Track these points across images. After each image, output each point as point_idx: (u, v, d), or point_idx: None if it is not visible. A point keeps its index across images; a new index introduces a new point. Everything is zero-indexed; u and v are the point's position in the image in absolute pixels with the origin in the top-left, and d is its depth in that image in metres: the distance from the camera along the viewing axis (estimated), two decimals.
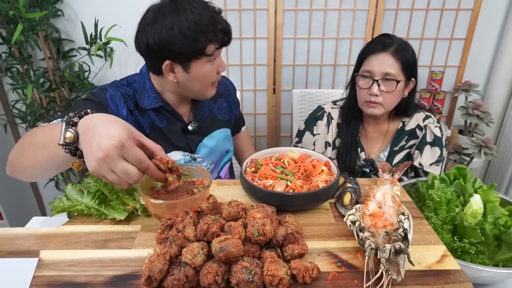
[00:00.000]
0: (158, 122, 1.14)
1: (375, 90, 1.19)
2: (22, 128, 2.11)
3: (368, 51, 1.23)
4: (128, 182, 0.65)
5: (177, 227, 0.65)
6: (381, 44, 1.21)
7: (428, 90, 2.09)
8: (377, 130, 1.36)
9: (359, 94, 1.27)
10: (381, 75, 1.19)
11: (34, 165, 0.80)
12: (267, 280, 0.57)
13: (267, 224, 0.63)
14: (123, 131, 0.63)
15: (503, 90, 2.10)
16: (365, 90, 1.23)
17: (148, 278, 0.57)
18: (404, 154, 1.33)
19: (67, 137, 0.67)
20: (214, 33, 0.99)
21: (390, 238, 0.64)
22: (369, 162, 1.33)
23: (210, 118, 1.26)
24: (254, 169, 0.91)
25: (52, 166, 0.78)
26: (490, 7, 1.97)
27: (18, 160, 0.84)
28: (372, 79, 1.20)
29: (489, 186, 0.89)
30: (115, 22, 1.97)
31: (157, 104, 1.11)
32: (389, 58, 1.19)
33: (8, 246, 0.71)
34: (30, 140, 0.81)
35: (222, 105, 1.31)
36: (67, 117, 0.68)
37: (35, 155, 0.78)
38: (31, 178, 0.94)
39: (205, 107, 1.25)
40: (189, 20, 0.96)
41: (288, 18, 2.01)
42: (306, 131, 1.42)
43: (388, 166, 0.85)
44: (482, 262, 0.79)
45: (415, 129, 1.32)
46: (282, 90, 2.17)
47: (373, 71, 1.20)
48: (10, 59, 1.94)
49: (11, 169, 0.87)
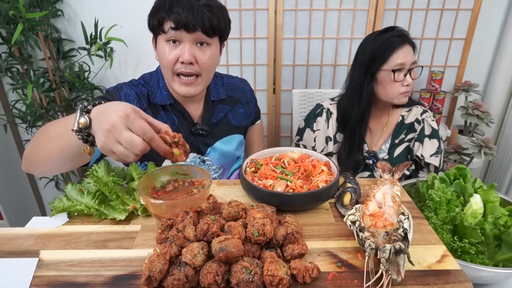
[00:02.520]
0: (170, 124, 1.13)
1: (410, 80, 1.26)
2: (22, 128, 2.11)
3: (392, 46, 1.25)
4: (134, 153, 0.67)
5: (177, 227, 0.65)
6: (400, 37, 1.26)
7: (428, 90, 2.09)
8: (378, 122, 1.39)
9: (392, 88, 1.28)
10: (410, 65, 1.25)
11: (48, 157, 0.82)
12: (267, 280, 0.57)
13: (267, 224, 0.63)
14: (129, 106, 0.68)
15: (503, 90, 2.10)
16: (398, 83, 1.26)
17: (148, 278, 0.57)
18: (404, 147, 1.36)
19: (81, 122, 0.70)
20: (165, 6, 0.97)
21: (390, 238, 0.64)
22: (371, 154, 1.35)
23: (224, 122, 1.24)
24: (254, 169, 0.91)
25: (66, 157, 0.81)
26: (490, 7, 1.97)
27: (33, 154, 0.86)
28: (406, 70, 1.25)
29: (489, 186, 0.89)
30: (115, 22, 1.97)
31: (168, 101, 1.12)
32: (409, 48, 1.26)
33: (8, 246, 0.71)
34: (45, 133, 0.84)
35: (239, 111, 1.28)
36: (82, 106, 0.72)
37: (50, 146, 0.81)
38: (46, 172, 0.97)
39: (221, 112, 1.23)
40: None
41: (288, 18, 2.01)
42: (307, 128, 1.44)
43: (388, 166, 0.84)
44: (482, 262, 0.79)
45: (414, 123, 1.36)
46: (282, 90, 2.17)
47: (405, 63, 1.25)
48: (10, 59, 1.94)
49: (27, 164, 0.90)
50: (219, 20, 1.02)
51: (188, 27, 0.97)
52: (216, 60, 1.10)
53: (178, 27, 0.97)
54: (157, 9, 1.00)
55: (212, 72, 1.11)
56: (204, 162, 1.21)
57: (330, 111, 1.41)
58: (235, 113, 1.27)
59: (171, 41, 1.01)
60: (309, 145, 1.43)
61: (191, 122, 1.17)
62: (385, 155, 1.36)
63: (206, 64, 1.04)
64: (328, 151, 1.40)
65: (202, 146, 1.20)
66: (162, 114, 1.13)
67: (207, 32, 1.00)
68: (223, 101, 1.23)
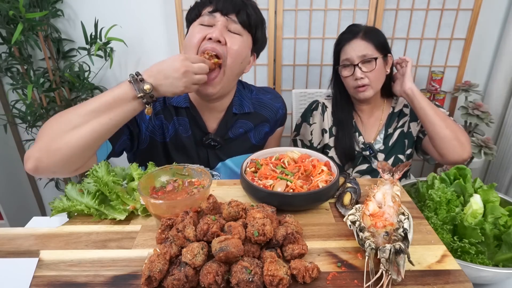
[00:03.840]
0: (183, 131, 1.10)
1: (359, 73, 1.27)
2: (22, 128, 2.10)
3: (341, 42, 1.31)
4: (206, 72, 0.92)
5: (177, 227, 0.65)
6: (350, 33, 1.30)
7: (428, 90, 2.09)
8: (371, 116, 1.42)
9: (347, 83, 1.34)
10: (359, 59, 1.26)
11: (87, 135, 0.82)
12: (267, 280, 0.57)
13: (267, 224, 0.63)
14: (175, 55, 0.89)
15: (503, 90, 2.10)
16: (350, 77, 1.30)
17: (148, 278, 0.57)
18: (399, 133, 1.39)
19: (146, 88, 0.84)
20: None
21: (390, 238, 0.64)
22: (367, 145, 1.37)
23: (242, 140, 1.17)
24: (254, 169, 0.91)
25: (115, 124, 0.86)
26: (490, 7, 1.97)
27: (56, 141, 0.81)
28: (352, 65, 1.28)
29: (489, 186, 0.89)
30: (115, 22, 1.97)
31: (184, 104, 1.08)
32: (360, 42, 1.27)
33: (8, 246, 0.71)
34: (78, 112, 0.84)
35: (263, 131, 1.21)
36: (132, 77, 0.84)
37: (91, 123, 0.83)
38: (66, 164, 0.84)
39: (241, 127, 1.15)
40: None
41: (288, 18, 2.01)
42: (303, 123, 1.47)
43: (388, 166, 0.85)
44: (482, 262, 0.79)
45: (402, 108, 1.40)
46: (282, 90, 2.17)
47: (351, 58, 1.27)
48: (10, 59, 1.94)
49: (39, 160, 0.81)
50: (255, 13, 1.04)
51: (224, 10, 0.99)
52: (245, 56, 1.04)
53: (215, 10, 1.00)
54: (197, 3, 1.05)
55: (236, 69, 1.03)
56: (212, 176, 1.12)
57: (325, 105, 1.45)
58: (259, 132, 1.19)
59: (204, 25, 1.00)
60: (306, 139, 1.44)
61: (204, 131, 1.11)
62: (381, 146, 1.38)
63: (233, 52, 0.99)
64: (324, 142, 1.42)
65: (212, 159, 1.13)
66: (175, 120, 1.09)
67: (242, 20, 1.00)
68: (247, 116, 1.15)
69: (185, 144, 1.11)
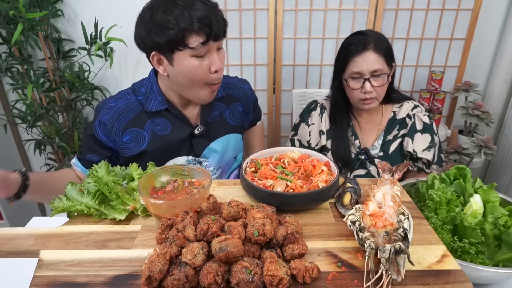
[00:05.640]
0: (160, 130, 1.11)
1: (369, 87, 1.23)
2: (22, 128, 2.11)
3: (351, 54, 1.25)
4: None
5: (177, 227, 0.65)
6: (360, 44, 1.24)
7: (428, 90, 2.09)
8: (370, 121, 1.39)
9: (352, 94, 1.29)
10: (370, 73, 1.23)
11: None
12: (267, 280, 0.57)
13: (267, 224, 0.63)
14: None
15: (503, 90, 2.10)
16: (357, 90, 1.26)
17: (148, 278, 0.57)
18: (398, 143, 1.36)
19: None
20: (189, 21, 0.92)
21: (390, 238, 0.64)
22: (363, 150, 1.36)
23: (220, 122, 1.21)
24: (254, 169, 0.91)
25: None
26: (490, 7, 1.97)
27: None
28: (363, 79, 1.24)
29: (489, 186, 0.89)
30: (115, 22, 1.97)
31: (163, 107, 1.10)
32: (372, 55, 1.22)
33: (8, 246, 0.71)
34: None
35: (237, 110, 1.26)
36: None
37: None
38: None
39: (216, 111, 1.20)
40: (160, 7, 0.95)
41: (288, 18, 2.01)
42: (301, 123, 1.45)
43: (388, 166, 0.84)
44: (482, 262, 0.79)
45: (405, 118, 1.36)
46: (282, 90, 2.17)
47: (362, 71, 1.23)
48: (10, 59, 1.94)
49: None
50: (223, 21, 1.02)
51: (215, 37, 0.97)
52: None
53: (207, 40, 0.96)
54: (164, 25, 0.94)
55: None
56: (200, 163, 1.19)
57: (324, 106, 1.43)
58: (233, 112, 1.25)
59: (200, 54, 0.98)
60: (304, 140, 1.43)
61: (190, 125, 1.15)
62: (377, 152, 1.36)
63: (223, 66, 1.05)
64: (322, 144, 1.41)
65: (197, 147, 1.17)
66: (150, 123, 1.11)
67: (224, 35, 1.02)
68: (220, 99, 1.21)
69: (166, 141, 1.13)
